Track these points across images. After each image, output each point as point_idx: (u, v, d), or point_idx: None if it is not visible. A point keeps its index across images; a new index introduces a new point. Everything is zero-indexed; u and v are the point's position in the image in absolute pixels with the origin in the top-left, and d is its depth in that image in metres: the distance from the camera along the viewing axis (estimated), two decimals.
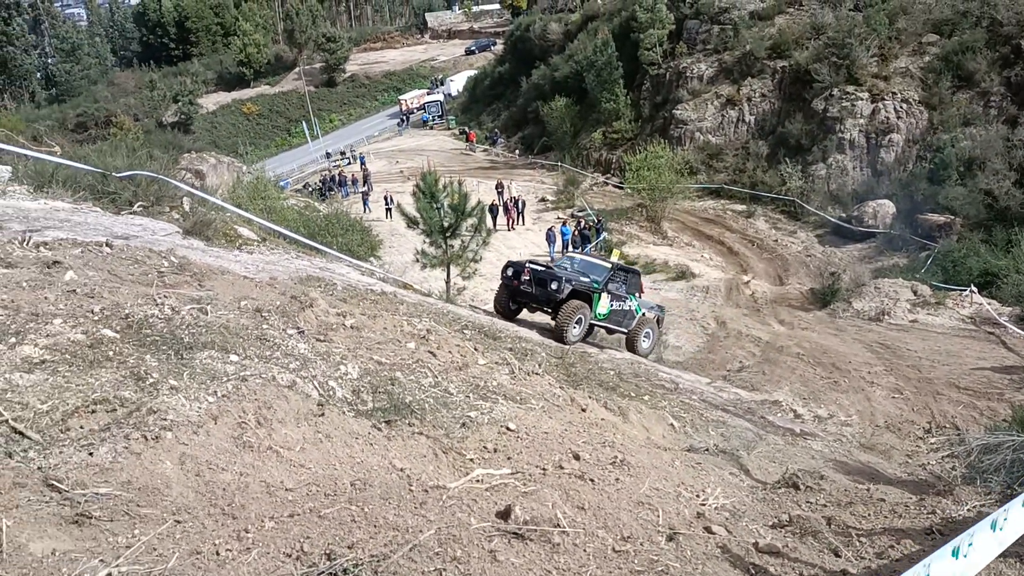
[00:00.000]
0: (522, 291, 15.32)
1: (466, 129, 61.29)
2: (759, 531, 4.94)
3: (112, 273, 7.58)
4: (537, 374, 8.02)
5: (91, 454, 3.25)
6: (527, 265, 15.53)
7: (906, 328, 21.36)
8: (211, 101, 79.87)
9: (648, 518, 4.39)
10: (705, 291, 27.45)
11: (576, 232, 32.28)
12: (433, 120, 67.43)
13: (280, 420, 4.06)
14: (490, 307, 17.51)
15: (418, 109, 69.30)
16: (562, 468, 4.88)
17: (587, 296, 15.23)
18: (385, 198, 36.99)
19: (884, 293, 23.86)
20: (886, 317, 22.47)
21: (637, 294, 16.97)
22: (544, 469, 4.82)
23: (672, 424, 8.95)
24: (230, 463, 3.57)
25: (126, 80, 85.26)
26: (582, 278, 15.51)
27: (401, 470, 4.16)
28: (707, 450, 8.05)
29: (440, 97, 70.74)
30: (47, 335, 4.45)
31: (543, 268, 15.67)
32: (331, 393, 5.04)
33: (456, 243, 21.31)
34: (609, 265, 16.69)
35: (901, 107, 34.94)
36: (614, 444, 6.16)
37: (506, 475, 4.37)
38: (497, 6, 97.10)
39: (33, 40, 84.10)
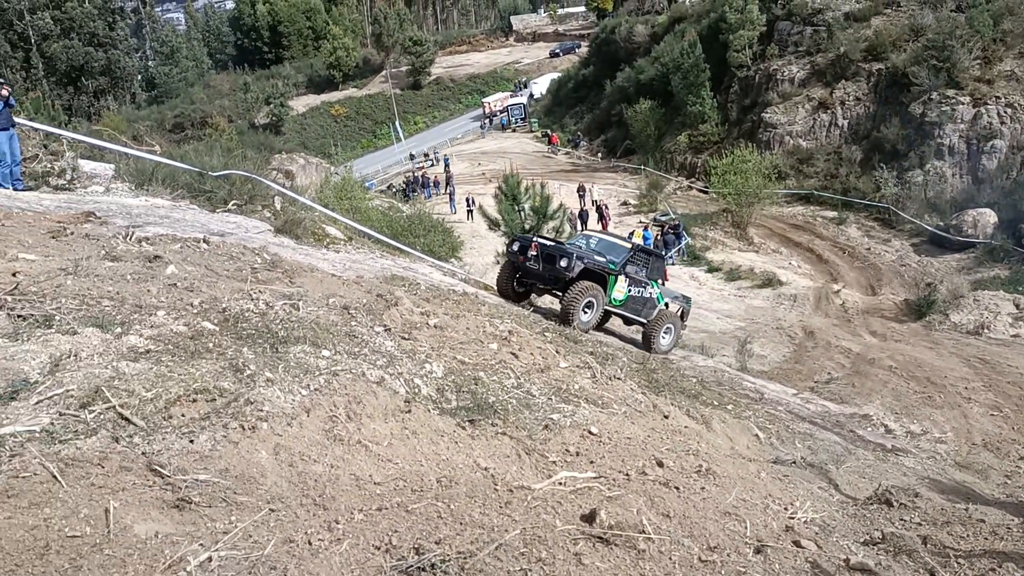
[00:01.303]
0: (528, 269, 13.75)
1: (548, 132, 61.32)
2: (850, 547, 4.78)
3: (209, 268, 7.86)
4: (619, 379, 7.95)
5: (192, 441, 3.38)
6: (534, 239, 14.05)
7: (1007, 343, 20.33)
8: (301, 103, 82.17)
9: (735, 529, 4.30)
10: (792, 299, 26.73)
11: (659, 237, 31.90)
12: (515, 123, 67.70)
13: (369, 415, 4.14)
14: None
15: (501, 112, 69.69)
16: (646, 474, 4.82)
17: (601, 278, 13.61)
18: (467, 200, 37.35)
19: (984, 306, 22.79)
20: (985, 331, 21.45)
21: (660, 281, 15.36)
22: (628, 475, 4.77)
23: (757, 435, 8.74)
24: (321, 455, 3.66)
25: (221, 82, 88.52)
26: (597, 257, 13.93)
27: (485, 469, 4.18)
28: (794, 463, 7.82)
29: (523, 100, 70.97)
30: (151, 326, 4.65)
31: (553, 243, 14.29)
32: (417, 391, 5.11)
33: None
34: (629, 246, 15.05)
35: (1005, 112, 33.30)
36: (698, 453, 6.06)
37: (590, 479, 4.34)
38: (582, 8, 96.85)
39: (135, 44, 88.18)
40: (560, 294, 13.26)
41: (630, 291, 14.19)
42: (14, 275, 5.87)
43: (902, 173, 34.95)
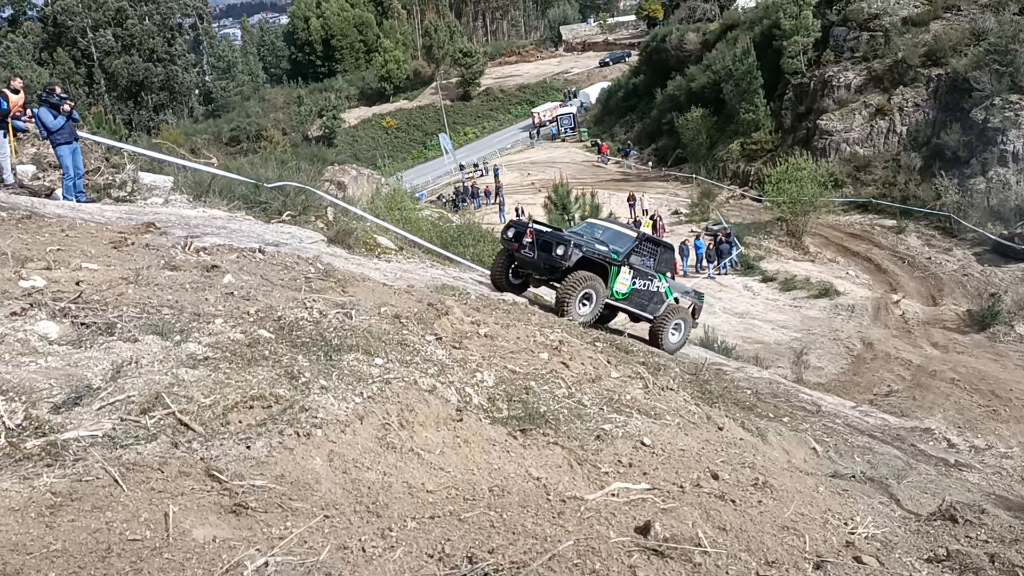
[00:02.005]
0: (524, 258, 12.88)
1: (598, 141, 61.24)
2: (913, 564, 4.62)
3: (264, 278, 8.00)
4: (671, 389, 7.84)
5: (248, 447, 3.41)
6: (531, 225, 13.11)
7: None
8: (353, 116, 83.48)
9: (793, 544, 4.19)
10: (850, 310, 26.16)
11: (711, 246, 31.53)
12: (565, 132, 67.73)
13: (421, 423, 4.15)
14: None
15: (550, 122, 69.82)
16: (700, 487, 4.74)
17: (602, 268, 12.68)
18: (516, 210, 37.46)
19: None
20: None
21: (669, 274, 14.37)
22: (682, 487, 4.68)
23: (815, 448, 8.53)
24: (374, 462, 3.67)
25: (276, 96, 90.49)
26: (598, 246, 12.99)
27: (537, 479, 4.15)
28: (853, 477, 7.61)
29: (573, 109, 71.03)
30: (209, 334, 4.73)
31: (549, 229, 13.29)
32: (468, 399, 5.11)
33: None
34: (635, 235, 14.02)
35: None
36: (754, 465, 5.93)
37: (644, 490, 4.28)
38: (632, 17, 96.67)
39: (192, 59, 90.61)
40: (558, 285, 12.41)
41: (635, 284, 13.23)
42: (78, 284, 6.05)
43: (963, 180, 34.03)
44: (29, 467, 3.08)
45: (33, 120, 12.09)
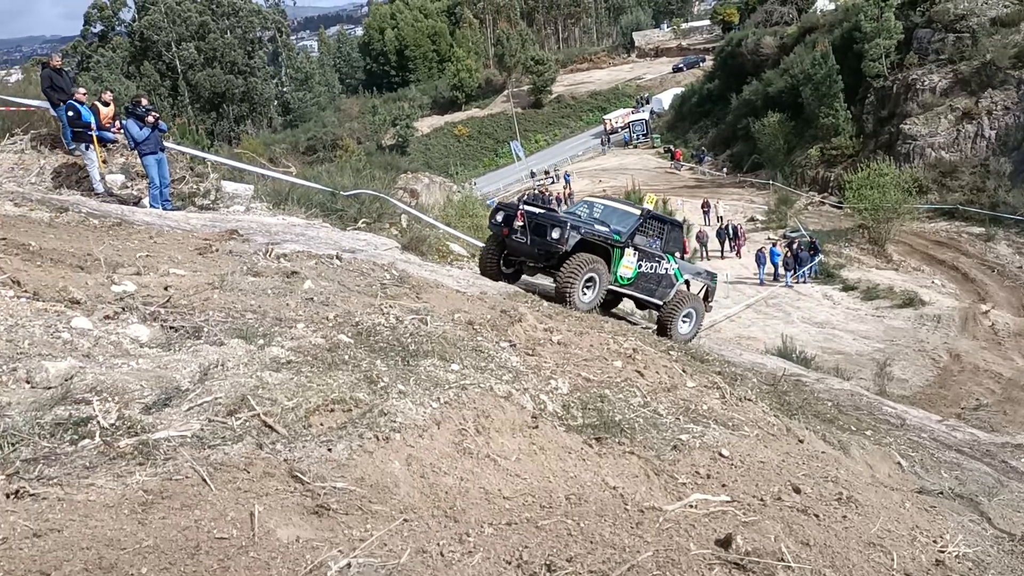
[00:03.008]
0: (515, 243, 11.66)
1: (671, 147, 60.59)
2: None
3: (341, 284, 8.15)
4: (749, 400, 7.67)
5: (330, 450, 3.47)
6: (521, 207, 11.74)
7: None
8: (426, 124, 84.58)
9: (880, 561, 4.04)
10: (936, 320, 25.17)
11: (789, 254, 30.78)
12: (637, 139, 67.21)
13: (497, 429, 4.15)
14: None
15: (622, 128, 69.39)
16: (782, 500, 4.61)
17: (604, 250, 11.57)
18: None
19: None
20: None
21: (678, 255, 12.99)
22: (763, 500, 4.57)
23: (899, 463, 8.23)
24: (451, 467, 3.69)
25: (351, 106, 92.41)
26: (598, 227, 11.84)
27: (614, 488, 4.11)
28: (941, 493, 7.31)
29: (645, 116, 70.45)
30: (291, 338, 4.84)
31: (543, 211, 12.01)
32: (543, 406, 5.09)
33: None
34: (638, 212, 12.53)
35: None
36: (837, 479, 5.75)
37: (723, 502, 4.19)
38: (707, 22, 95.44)
39: (271, 71, 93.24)
40: (555, 273, 11.28)
41: (640, 267, 12.02)
42: (166, 289, 6.27)
43: None
44: (122, 465, 3.20)
45: (121, 131, 12.59)
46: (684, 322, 12.53)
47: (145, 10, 78.96)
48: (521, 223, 11.34)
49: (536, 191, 51.21)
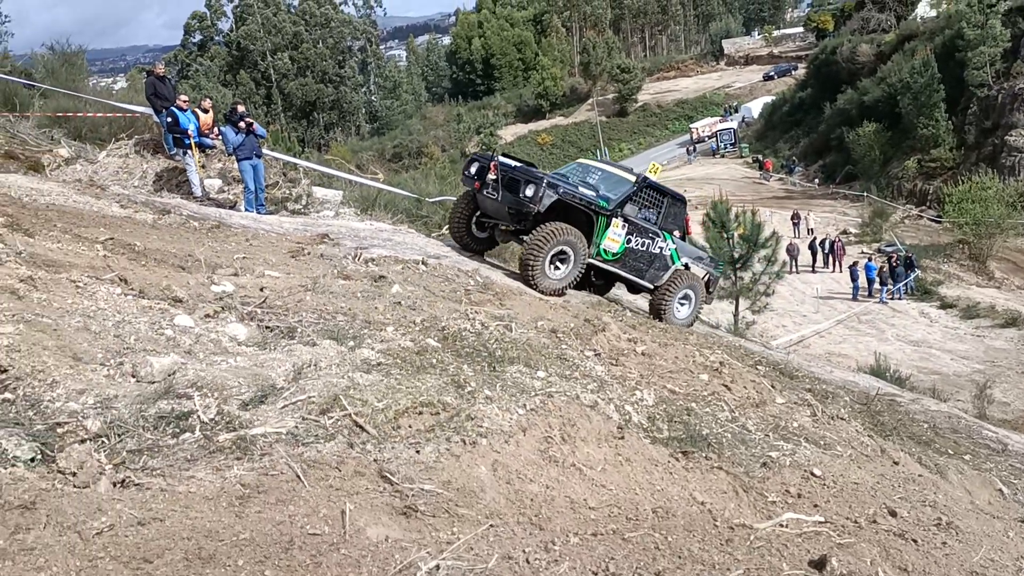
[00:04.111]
0: (486, 200, 10.41)
1: (760, 157, 59.32)
2: None
3: (427, 289, 8.25)
4: (842, 419, 7.42)
5: (418, 452, 3.52)
6: (496, 158, 10.44)
7: None
8: (509, 132, 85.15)
9: None
10: None
11: (885, 268, 29.66)
12: (725, 148, 66.05)
13: (583, 438, 4.13)
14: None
15: (709, 137, 68.33)
16: (877, 523, 4.43)
17: (586, 217, 10.22)
18: None
19: None
20: None
21: (677, 233, 11.49)
22: (857, 522, 4.40)
23: (1001, 489, 7.80)
24: (537, 475, 3.68)
25: (436, 114, 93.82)
26: (584, 189, 10.44)
27: (702, 503, 4.02)
28: None
29: (733, 125, 69.21)
30: (381, 340, 4.93)
31: (519, 164, 10.63)
32: (628, 417, 5.04)
33: (746, 275, 20.65)
34: (633, 179, 11.02)
35: None
36: (935, 504, 5.49)
37: (817, 523, 4.05)
38: (800, 29, 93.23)
39: (360, 80, 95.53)
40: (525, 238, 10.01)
41: (629, 241, 10.58)
42: (261, 290, 6.47)
43: None
44: (221, 459, 3.31)
45: (219, 137, 13.07)
46: (680, 307, 11.19)
47: (242, 20, 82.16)
48: (494, 176, 10.07)
49: None
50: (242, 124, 12.41)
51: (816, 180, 52.44)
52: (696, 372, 7.31)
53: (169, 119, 12.83)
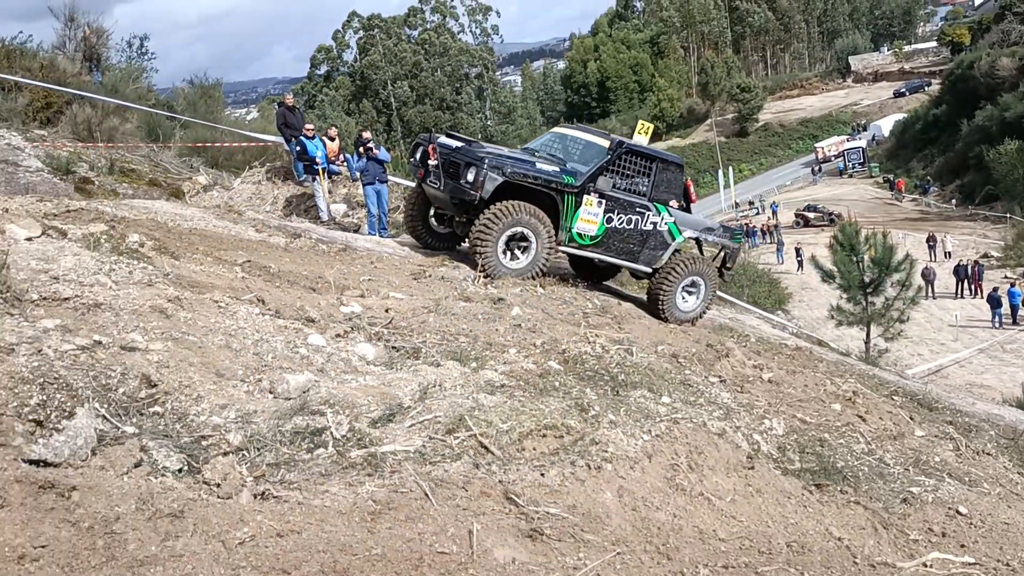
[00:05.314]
0: (431, 190, 9.29)
1: (891, 177, 56.63)
2: None
3: (545, 311, 8.27)
4: (988, 454, 6.93)
5: (542, 475, 3.50)
6: (435, 139, 9.22)
7: None
8: None
9: None
10: None
11: None
12: (853, 168, 63.44)
13: (711, 467, 4.01)
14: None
15: (836, 157, 65.83)
16: None
17: (547, 196, 8.80)
18: (796, 250, 35.63)
19: None
20: None
21: (674, 204, 9.84)
22: (1009, 564, 4.08)
23: None
24: (663, 503, 3.60)
25: None
26: (543, 165, 8.97)
27: (839, 539, 3.83)
28: None
29: (862, 143, 66.37)
30: (504, 362, 4.97)
31: (462, 142, 9.30)
32: (757, 447, 4.86)
33: (878, 300, 19.67)
34: (607, 144, 9.44)
35: None
36: None
37: (965, 564, 3.78)
38: (933, 44, 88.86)
39: (477, 106, 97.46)
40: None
41: (610, 220, 9.14)
42: (387, 311, 6.66)
43: None
44: (353, 475, 3.40)
45: (344, 164, 13.56)
46: (686, 295, 9.65)
47: (365, 51, 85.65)
48: (435, 162, 8.82)
49: (738, 222, 49.68)
50: (362, 150, 12.85)
51: (953, 201, 49.56)
52: (827, 401, 7.01)
53: (298, 147, 13.44)
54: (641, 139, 9.91)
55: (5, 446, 2.97)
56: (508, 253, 8.77)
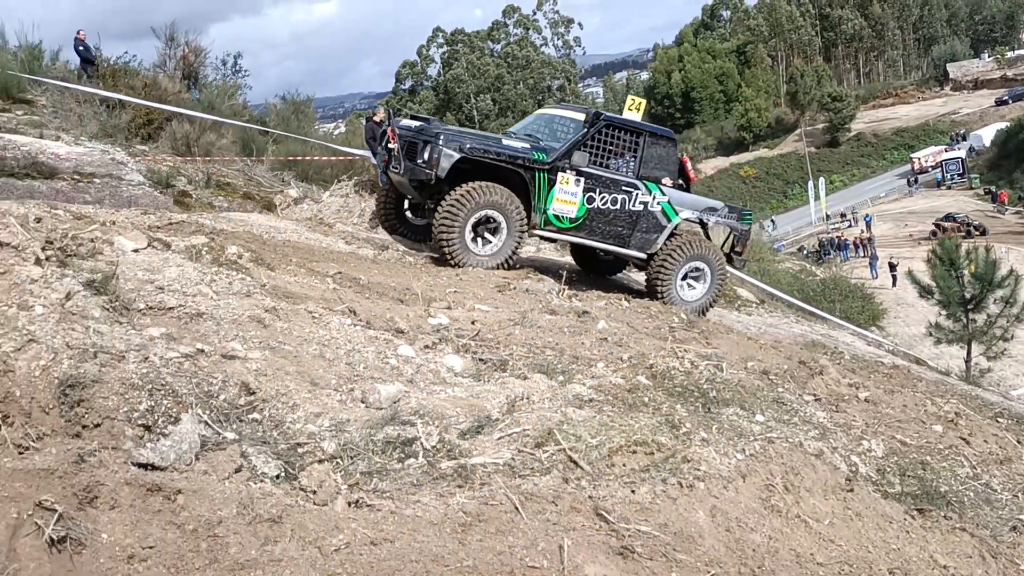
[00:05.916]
0: (395, 175, 8.76)
1: (993, 189, 54.10)
2: None
3: (630, 325, 8.19)
4: None
5: (633, 492, 3.46)
6: (396, 122, 8.83)
7: None
8: (709, 166, 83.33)
9: None
10: None
11: None
12: (951, 179, 60.86)
13: (807, 489, 3.89)
14: None
15: (933, 167, 63.29)
16: None
17: (517, 176, 8.16)
18: (890, 264, 34.42)
19: None
20: None
21: (668, 181, 9.01)
22: None
23: None
24: (758, 524, 3.51)
25: None
26: (511, 142, 8.39)
27: (944, 567, 3.65)
28: None
29: (961, 153, 63.66)
30: (592, 376, 4.94)
31: (420, 122, 8.77)
32: (855, 468, 4.69)
33: (980, 317, 18.80)
34: (582, 118, 8.77)
35: None
36: None
37: None
38: None
39: None
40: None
41: (591, 200, 8.42)
42: (473, 323, 6.71)
43: None
44: (444, 486, 3.43)
45: None
46: (688, 284, 9.03)
47: (449, 66, 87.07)
48: (395, 145, 8.35)
49: (830, 235, 48.25)
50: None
51: None
52: (928, 422, 6.71)
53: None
54: (632, 115, 9.32)
55: (116, 449, 3.10)
56: (478, 240, 8.29)
